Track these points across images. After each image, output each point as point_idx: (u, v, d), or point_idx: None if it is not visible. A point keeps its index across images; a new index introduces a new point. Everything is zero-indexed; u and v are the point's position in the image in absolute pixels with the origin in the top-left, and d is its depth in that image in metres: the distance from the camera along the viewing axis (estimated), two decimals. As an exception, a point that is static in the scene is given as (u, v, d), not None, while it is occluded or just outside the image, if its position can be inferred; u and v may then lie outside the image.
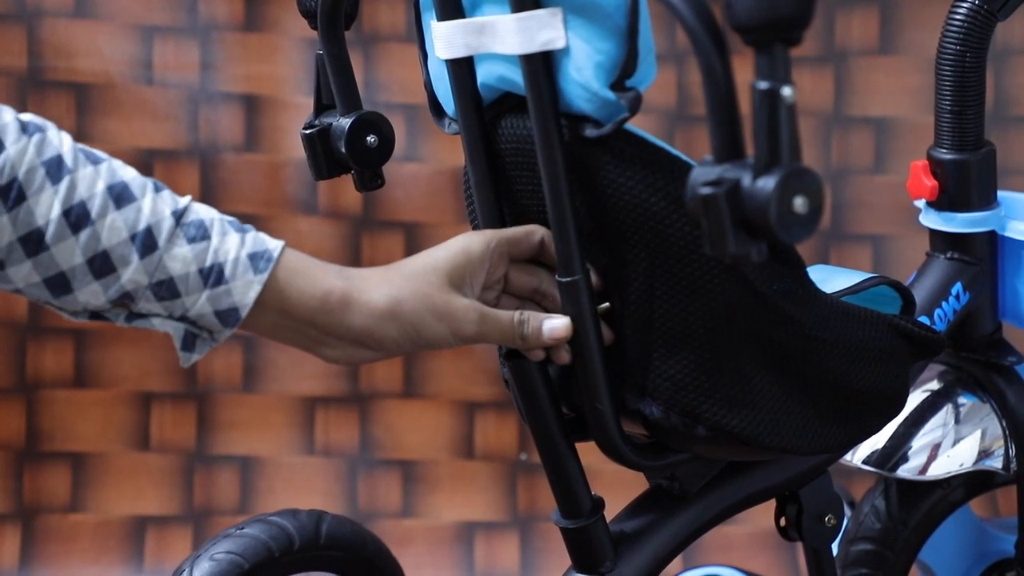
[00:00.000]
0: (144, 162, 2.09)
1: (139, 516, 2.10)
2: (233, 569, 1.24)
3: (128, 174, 0.86)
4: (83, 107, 2.08)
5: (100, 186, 0.84)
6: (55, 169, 0.83)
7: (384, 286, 0.93)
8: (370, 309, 0.92)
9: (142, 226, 0.85)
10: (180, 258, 0.86)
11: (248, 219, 2.11)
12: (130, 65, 2.08)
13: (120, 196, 0.85)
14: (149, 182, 0.87)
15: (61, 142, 0.85)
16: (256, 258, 0.89)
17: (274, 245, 0.90)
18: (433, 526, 2.11)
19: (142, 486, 2.10)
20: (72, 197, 0.83)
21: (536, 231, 0.99)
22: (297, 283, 0.90)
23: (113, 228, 0.84)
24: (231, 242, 0.88)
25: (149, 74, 2.09)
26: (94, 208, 0.84)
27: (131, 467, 2.11)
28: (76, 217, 0.83)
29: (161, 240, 0.86)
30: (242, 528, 1.27)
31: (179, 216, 0.87)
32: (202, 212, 0.88)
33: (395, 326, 0.92)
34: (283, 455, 2.12)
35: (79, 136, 2.08)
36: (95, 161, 0.85)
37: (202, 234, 0.87)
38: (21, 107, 2.07)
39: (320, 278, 0.91)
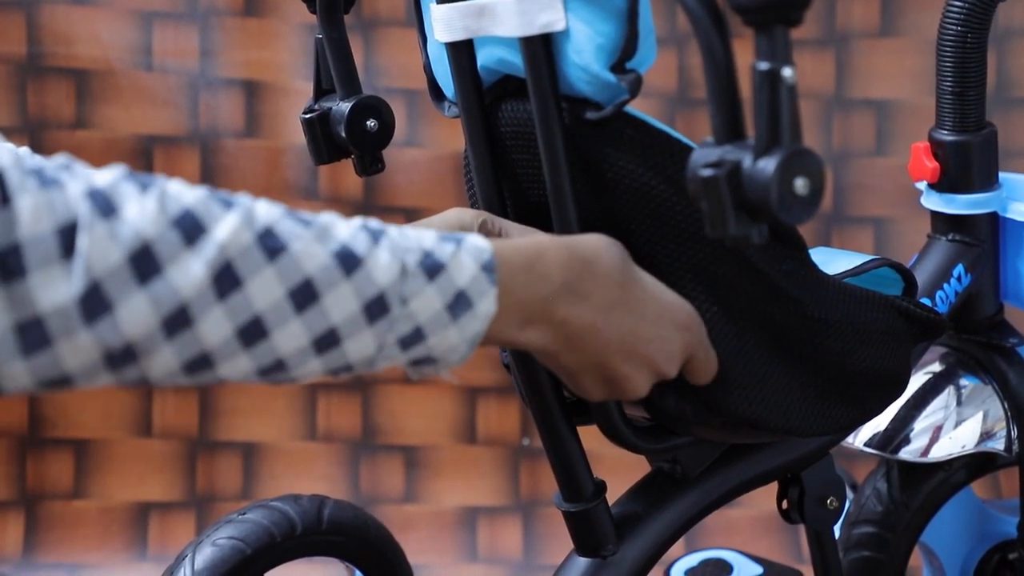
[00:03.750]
0: (144, 148, 2.09)
1: (142, 502, 2.10)
2: (235, 554, 1.24)
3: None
4: (83, 93, 2.08)
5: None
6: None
7: None
8: None
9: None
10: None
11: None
12: (130, 51, 2.08)
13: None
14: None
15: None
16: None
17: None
18: (435, 511, 2.12)
19: (145, 472, 2.11)
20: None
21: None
22: None
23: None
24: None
25: (149, 60, 2.08)
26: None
27: (134, 453, 2.11)
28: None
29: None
30: (244, 513, 1.27)
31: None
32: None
33: None
34: (285, 441, 2.12)
35: (78, 123, 2.08)
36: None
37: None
38: (21, 94, 2.07)
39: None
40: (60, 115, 2.08)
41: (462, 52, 0.99)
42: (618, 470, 2.10)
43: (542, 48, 0.92)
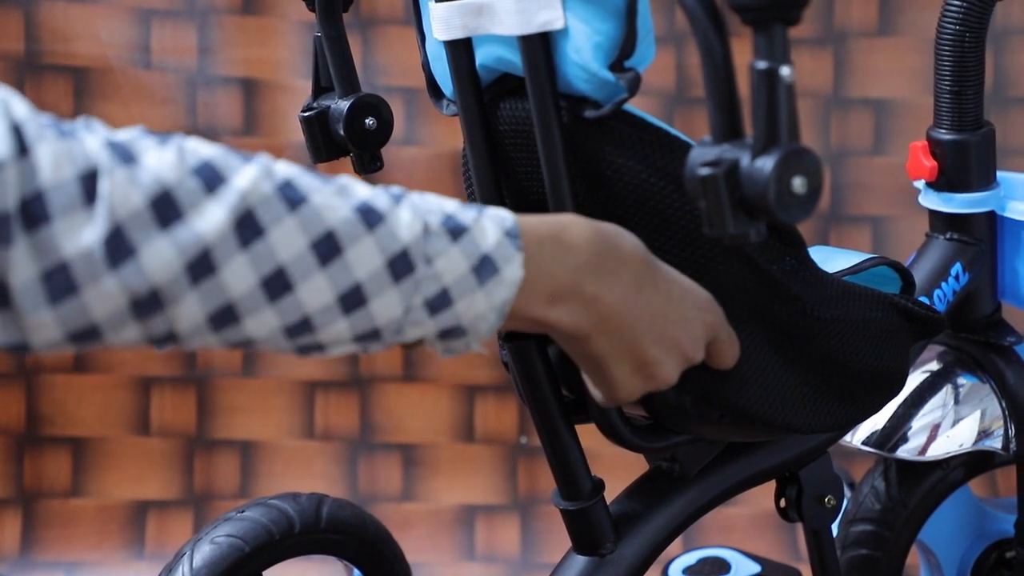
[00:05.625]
0: (142, 146, 2.09)
1: (140, 500, 2.10)
2: (234, 552, 1.24)
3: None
4: (81, 91, 2.08)
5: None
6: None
7: None
8: None
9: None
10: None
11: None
12: (128, 49, 2.08)
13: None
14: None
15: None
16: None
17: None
18: (433, 509, 2.12)
19: (143, 470, 2.11)
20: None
21: None
22: None
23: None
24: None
25: (147, 58, 2.09)
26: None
27: (131, 451, 2.11)
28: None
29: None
30: (243, 511, 1.27)
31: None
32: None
33: None
34: (283, 439, 2.12)
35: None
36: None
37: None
38: (19, 91, 2.07)
39: None
40: (58, 112, 2.08)
41: (461, 50, 0.99)
42: (616, 468, 2.10)
43: (541, 46, 0.92)
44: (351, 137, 1.13)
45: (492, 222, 0.77)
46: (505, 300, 0.76)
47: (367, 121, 1.13)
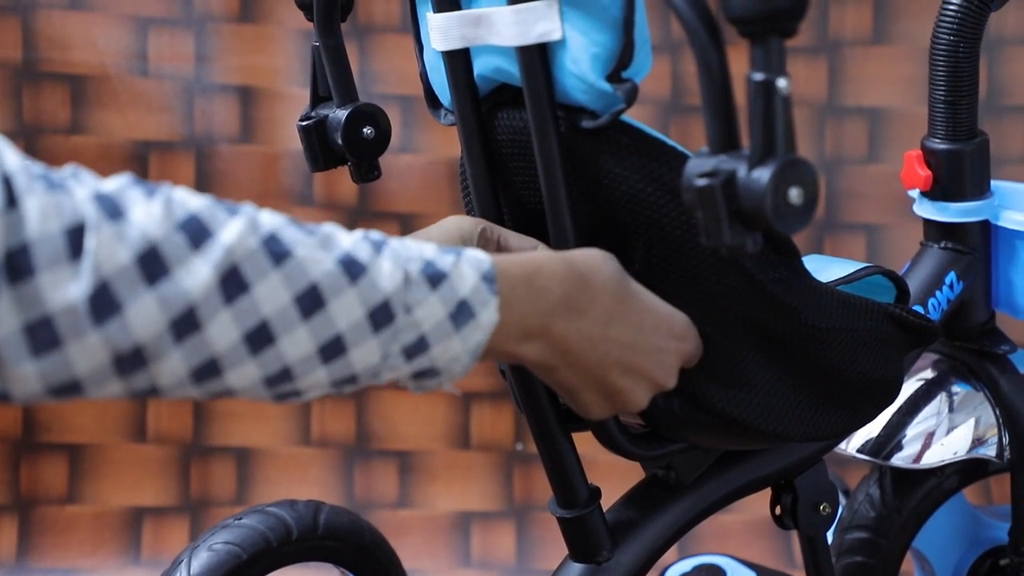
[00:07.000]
0: (140, 154, 2.09)
1: (136, 507, 2.10)
2: (231, 559, 1.24)
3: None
4: (78, 99, 2.08)
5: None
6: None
7: None
8: None
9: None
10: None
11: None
12: (125, 57, 2.08)
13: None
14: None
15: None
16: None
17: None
18: (429, 516, 2.12)
19: (139, 477, 2.11)
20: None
21: (536, 244, 1.00)
22: None
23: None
24: None
25: (144, 66, 2.09)
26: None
27: (128, 458, 2.11)
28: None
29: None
30: (240, 519, 1.27)
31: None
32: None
33: None
34: (280, 446, 2.13)
35: (74, 128, 2.08)
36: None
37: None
38: (16, 99, 2.07)
39: None
40: (55, 120, 2.08)
41: (458, 61, 0.99)
42: (612, 476, 2.10)
43: (538, 57, 0.92)
44: (349, 146, 1.13)
45: (470, 266, 0.78)
46: (479, 343, 0.78)
47: (365, 130, 1.13)
